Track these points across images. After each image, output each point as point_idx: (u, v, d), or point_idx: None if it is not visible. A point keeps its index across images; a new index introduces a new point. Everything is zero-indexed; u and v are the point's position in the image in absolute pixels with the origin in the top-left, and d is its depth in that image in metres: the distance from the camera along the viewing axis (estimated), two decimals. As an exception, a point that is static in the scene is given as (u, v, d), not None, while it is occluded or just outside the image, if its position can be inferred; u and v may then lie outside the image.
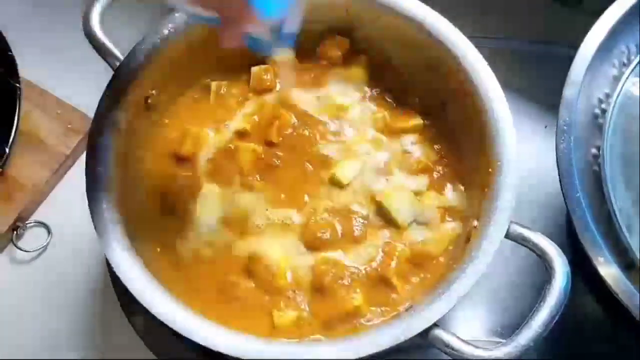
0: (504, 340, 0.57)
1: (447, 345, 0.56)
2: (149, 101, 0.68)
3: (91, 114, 0.81)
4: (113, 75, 0.66)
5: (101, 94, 0.66)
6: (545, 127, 0.80)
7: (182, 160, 0.69)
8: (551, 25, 0.87)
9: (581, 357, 0.71)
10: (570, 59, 0.68)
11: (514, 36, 0.86)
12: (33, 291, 0.77)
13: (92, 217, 0.61)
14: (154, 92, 0.68)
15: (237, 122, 0.71)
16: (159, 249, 0.66)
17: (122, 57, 0.66)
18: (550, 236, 0.60)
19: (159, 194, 0.68)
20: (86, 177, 0.62)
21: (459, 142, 0.69)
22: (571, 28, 0.71)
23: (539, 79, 0.82)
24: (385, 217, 0.67)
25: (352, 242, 0.65)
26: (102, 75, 0.70)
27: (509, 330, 0.70)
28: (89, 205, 0.61)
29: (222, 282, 0.65)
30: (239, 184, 0.68)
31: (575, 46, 0.69)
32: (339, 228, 0.66)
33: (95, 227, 0.60)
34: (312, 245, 0.65)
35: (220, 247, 0.66)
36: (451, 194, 0.68)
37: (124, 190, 0.64)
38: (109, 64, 0.66)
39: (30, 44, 0.85)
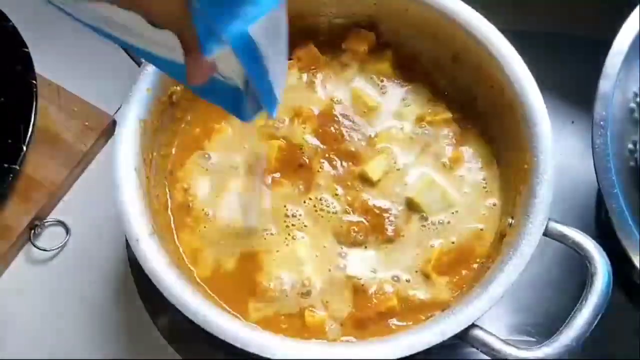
0: (534, 339, 0.56)
1: (487, 346, 0.55)
2: (174, 98, 0.67)
3: (108, 110, 0.81)
4: (139, 72, 0.64)
5: (118, 90, 0.64)
6: (572, 122, 0.79)
7: (207, 157, 0.68)
8: (578, 19, 0.85)
9: (613, 356, 0.70)
10: (595, 53, 0.67)
11: (537, 30, 0.84)
12: (51, 291, 0.76)
13: (122, 219, 0.59)
14: (178, 88, 0.67)
15: (262, 118, 0.70)
16: (184, 250, 0.65)
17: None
18: (580, 232, 0.59)
19: (182, 191, 0.67)
20: (113, 175, 0.61)
21: (491, 136, 0.68)
22: (598, 22, 0.70)
23: (565, 74, 0.80)
24: (418, 213, 0.66)
25: (384, 241, 0.64)
26: (118, 71, 0.69)
27: (538, 328, 0.70)
28: (119, 207, 0.60)
29: (251, 283, 0.63)
30: (265, 181, 0.67)
31: (600, 39, 0.67)
32: (371, 227, 0.65)
33: (125, 229, 0.59)
34: (345, 244, 0.64)
35: (247, 247, 0.65)
36: (484, 189, 0.67)
37: (149, 187, 0.63)
38: (134, 59, 0.65)
39: (47, 40, 0.84)
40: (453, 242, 0.65)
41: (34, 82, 0.78)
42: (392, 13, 0.70)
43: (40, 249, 0.77)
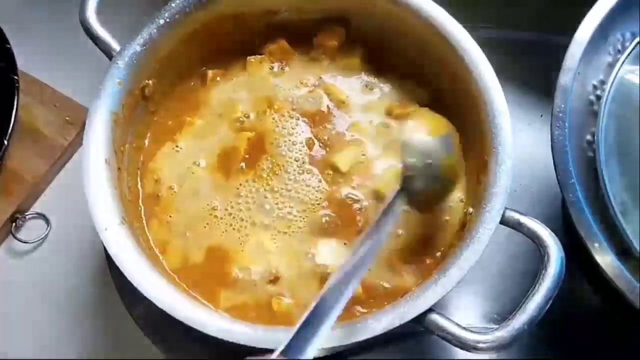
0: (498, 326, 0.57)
1: (443, 330, 0.56)
2: (146, 91, 0.69)
3: (89, 105, 0.82)
4: (109, 65, 0.66)
5: (98, 85, 0.66)
6: (541, 116, 0.80)
7: (178, 149, 0.70)
8: (545, 14, 0.86)
9: (577, 343, 0.71)
10: (564, 48, 0.68)
11: (508, 25, 0.86)
12: (32, 282, 0.77)
13: (91, 207, 0.61)
14: (150, 82, 0.69)
15: (233, 111, 0.71)
16: (153, 240, 0.67)
17: (118, 47, 0.66)
18: (546, 223, 0.60)
19: (153, 182, 0.69)
20: (82, 165, 0.62)
21: (458, 129, 0.69)
22: (565, 16, 0.71)
23: (533, 68, 0.81)
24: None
25: (355, 233, 0.66)
26: (100, 66, 0.70)
27: (505, 316, 0.71)
28: (88, 196, 0.61)
29: (220, 273, 0.65)
30: (235, 173, 0.68)
31: (569, 34, 0.69)
32: (342, 218, 0.66)
33: (93, 218, 0.61)
34: (315, 235, 0.66)
35: (213, 239, 0.66)
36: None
37: (121, 178, 0.64)
38: (105, 54, 0.66)
39: (28, 36, 0.85)
40: (418, 232, 0.66)
41: (16, 77, 0.80)
42: (361, 9, 0.72)
43: (22, 242, 0.78)
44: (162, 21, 0.67)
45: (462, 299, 0.73)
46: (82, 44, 0.72)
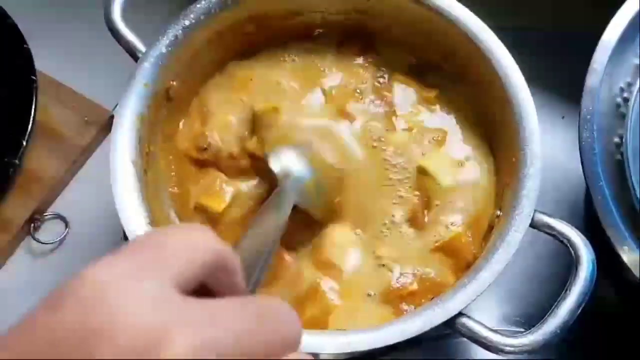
0: (522, 330, 0.57)
1: (474, 333, 0.56)
2: (170, 92, 0.68)
3: (107, 106, 0.82)
4: (136, 66, 0.65)
5: (117, 85, 0.65)
6: (563, 117, 0.80)
7: (204, 150, 0.69)
8: (566, 15, 0.86)
9: (602, 346, 0.71)
10: (585, 49, 0.68)
11: (529, 27, 0.85)
12: (51, 283, 0.75)
13: (119, 209, 0.60)
14: (174, 83, 0.68)
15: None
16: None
17: (143, 48, 0.66)
18: (569, 225, 0.60)
19: (181, 188, 0.68)
20: (111, 167, 0.62)
21: (485, 130, 0.69)
22: (587, 18, 0.71)
23: (554, 70, 0.81)
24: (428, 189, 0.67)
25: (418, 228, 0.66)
26: (118, 67, 0.70)
27: (527, 319, 0.71)
28: (115, 197, 0.61)
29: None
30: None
31: (592, 36, 0.68)
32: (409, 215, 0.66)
33: (121, 219, 0.60)
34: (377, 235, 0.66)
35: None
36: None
37: (147, 182, 0.64)
38: (130, 54, 0.66)
39: (46, 35, 0.85)
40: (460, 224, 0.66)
41: (34, 78, 0.79)
42: (385, 9, 0.71)
43: (40, 242, 0.78)
44: (187, 22, 0.67)
45: (484, 301, 0.73)
46: (101, 44, 0.71)
